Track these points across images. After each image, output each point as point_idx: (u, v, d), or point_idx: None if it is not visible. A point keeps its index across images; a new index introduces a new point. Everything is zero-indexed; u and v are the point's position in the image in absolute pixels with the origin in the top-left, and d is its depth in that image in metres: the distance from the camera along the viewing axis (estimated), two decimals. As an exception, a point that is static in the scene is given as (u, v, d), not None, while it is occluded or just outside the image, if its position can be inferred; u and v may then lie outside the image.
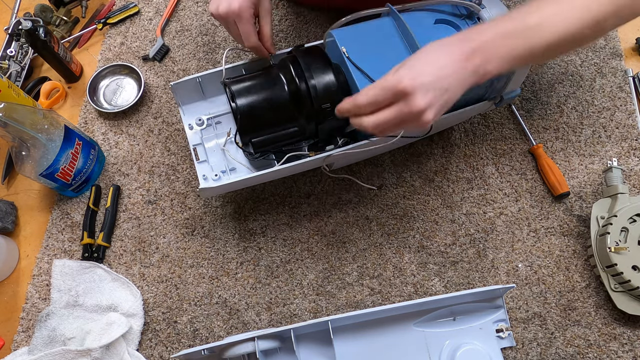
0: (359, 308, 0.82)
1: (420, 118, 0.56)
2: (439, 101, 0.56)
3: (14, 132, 0.78)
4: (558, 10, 0.59)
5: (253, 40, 0.74)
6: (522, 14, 0.60)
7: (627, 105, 0.92)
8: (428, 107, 0.55)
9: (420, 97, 0.55)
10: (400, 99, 0.56)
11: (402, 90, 0.55)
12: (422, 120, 0.56)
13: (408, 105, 0.55)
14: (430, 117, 0.56)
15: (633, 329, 0.78)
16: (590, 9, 0.59)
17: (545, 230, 0.85)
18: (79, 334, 0.81)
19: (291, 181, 0.90)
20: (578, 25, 0.59)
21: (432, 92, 0.55)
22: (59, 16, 1.08)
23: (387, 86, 0.56)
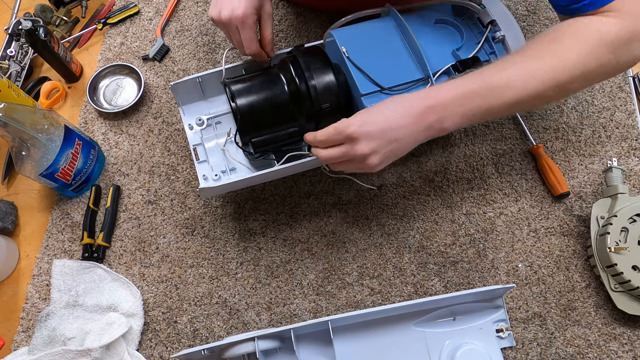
0: (359, 308, 0.82)
1: (364, 161, 0.63)
2: (385, 149, 0.62)
3: (14, 132, 0.78)
4: (521, 72, 0.61)
5: (255, 47, 0.74)
6: (485, 75, 0.62)
7: (627, 105, 0.92)
8: (371, 153, 0.62)
9: (364, 144, 0.61)
10: (347, 142, 0.62)
11: (349, 135, 0.61)
12: (366, 164, 0.63)
13: (353, 148, 0.62)
14: (374, 162, 0.63)
15: (633, 329, 0.78)
16: (555, 73, 0.60)
17: (545, 230, 0.85)
18: (79, 334, 0.81)
19: (291, 181, 0.90)
20: (540, 88, 0.61)
21: (378, 141, 0.61)
22: (59, 16, 1.08)
23: (338, 129, 0.62)
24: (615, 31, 0.60)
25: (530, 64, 0.61)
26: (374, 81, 0.72)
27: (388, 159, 0.64)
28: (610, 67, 0.62)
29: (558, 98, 0.65)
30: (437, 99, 0.62)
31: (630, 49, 0.61)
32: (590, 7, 0.61)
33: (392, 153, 0.63)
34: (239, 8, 0.70)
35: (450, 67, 0.74)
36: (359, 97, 0.72)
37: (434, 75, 0.73)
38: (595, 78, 0.63)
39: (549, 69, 0.60)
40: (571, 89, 0.63)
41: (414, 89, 0.73)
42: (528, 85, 0.61)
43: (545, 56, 0.61)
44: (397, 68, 0.74)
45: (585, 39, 0.60)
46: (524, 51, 0.63)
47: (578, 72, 0.60)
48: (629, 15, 0.60)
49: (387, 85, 0.72)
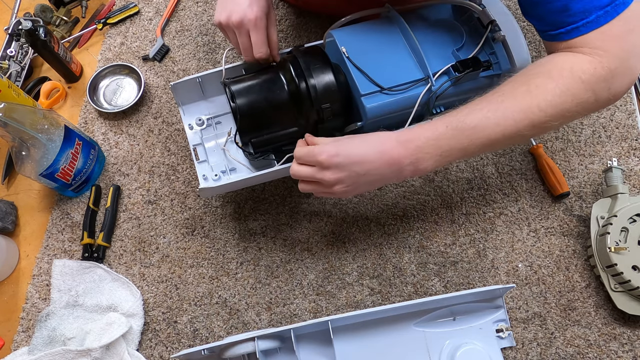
0: (359, 308, 0.82)
1: (329, 189, 0.65)
2: (350, 181, 0.64)
3: (14, 132, 0.78)
4: (494, 114, 0.61)
5: (265, 50, 0.73)
6: (459, 116, 0.62)
7: (627, 105, 0.92)
8: (337, 182, 0.64)
9: (331, 173, 0.63)
10: (317, 166, 0.64)
11: (319, 162, 0.64)
12: (331, 191, 0.65)
13: (321, 173, 0.64)
14: (338, 190, 0.64)
15: (633, 329, 0.78)
16: (529, 113, 0.60)
17: (545, 230, 0.85)
18: (79, 334, 0.81)
19: (291, 181, 0.90)
20: (514, 128, 0.61)
21: (345, 172, 0.63)
22: (59, 16, 1.08)
23: (311, 153, 0.65)
24: (591, 70, 0.60)
25: (503, 105, 0.61)
26: (373, 81, 0.72)
27: (354, 190, 0.65)
28: (590, 104, 0.62)
29: (538, 135, 0.66)
30: (412, 142, 0.62)
31: (609, 86, 0.61)
32: (565, 36, 0.62)
33: (359, 186, 0.65)
34: (251, 12, 0.70)
35: (450, 67, 0.74)
36: (359, 97, 0.72)
37: (433, 76, 0.73)
38: (574, 116, 0.63)
39: (523, 109, 0.60)
40: (549, 127, 0.63)
41: (414, 89, 0.73)
42: (501, 126, 0.61)
43: (519, 96, 0.61)
44: (397, 68, 0.74)
45: (559, 78, 0.60)
46: (499, 91, 0.63)
47: (553, 111, 0.60)
48: (605, 52, 0.60)
49: (387, 85, 0.72)
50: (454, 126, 0.62)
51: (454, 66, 0.74)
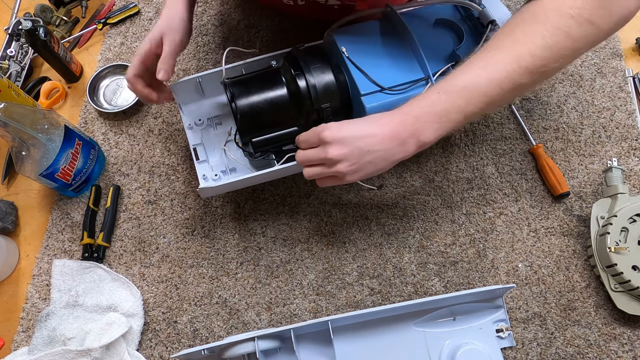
0: (359, 308, 0.82)
1: (334, 166, 0.63)
2: (356, 159, 0.63)
3: (14, 132, 0.78)
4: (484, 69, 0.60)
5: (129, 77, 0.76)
6: (449, 80, 0.62)
7: (627, 105, 0.92)
8: (342, 159, 0.62)
9: (335, 148, 0.62)
10: (321, 145, 0.64)
11: (323, 138, 0.63)
12: (337, 169, 0.63)
13: (325, 151, 0.63)
14: (344, 169, 0.63)
15: (633, 329, 0.78)
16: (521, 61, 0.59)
17: (545, 230, 0.85)
18: (79, 334, 0.81)
19: (291, 181, 0.90)
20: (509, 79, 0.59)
21: (349, 147, 0.62)
22: (59, 16, 1.08)
23: (315, 131, 0.64)
24: (579, 3, 0.57)
25: (493, 59, 0.60)
26: (374, 81, 0.72)
27: (360, 169, 0.64)
28: (592, 36, 0.59)
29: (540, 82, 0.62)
30: (408, 114, 0.62)
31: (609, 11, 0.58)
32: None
33: (364, 165, 0.63)
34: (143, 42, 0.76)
35: (450, 67, 0.74)
36: (359, 97, 0.72)
37: (434, 75, 0.73)
38: (576, 52, 0.60)
39: (513, 59, 0.59)
40: (549, 71, 0.60)
41: (414, 88, 0.73)
42: (495, 80, 0.59)
43: (507, 47, 0.59)
44: (397, 68, 0.74)
45: (546, 20, 0.58)
46: (486, 48, 0.61)
47: (547, 53, 0.58)
48: None
49: (387, 85, 0.72)
50: (447, 90, 0.61)
51: (454, 66, 0.74)
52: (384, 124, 0.62)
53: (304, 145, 0.67)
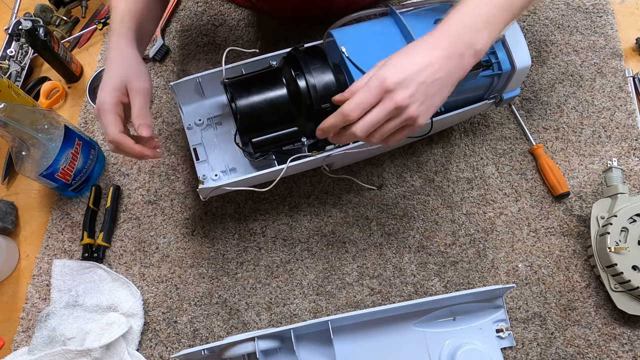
0: (359, 308, 0.82)
1: (405, 114, 0.57)
2: (423, 94, 0.57)
3: (14, 132, 0.78)
4: None
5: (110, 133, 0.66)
6: None
7: (627, 105, 0.92)
8: (410, 101, 0.57)
9: (401, 92, 0.56)
10: (384, 98, 0.57)
11: (385, 87, 0.56)
12: (408, 115, 0.57)
13: (390, 100, 0.56)
14: (415, 111, 0.57)
15: (633, 329, 0.78)
16: None
17: (545, 230, 0.85)
18: (79, 334, 0.81)
19: (291, 181, 0.90)
20: None
21: (413, 86, 0.56)
22: (59, 16, 1.08)
23: (371, 87, 0.57)
24: None
25: None
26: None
27: (430, 105, 0.59)
28: None
29: None
30: (458, 26, 0.59)
31: None
32: None
33: (431, 96, 0.58)
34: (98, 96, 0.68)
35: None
36: (359, 97, 0.72)
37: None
38: None
39: None
40: None
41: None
42: None
43: None
44: (397, 68, 0.74)
45: None
46: None
47: None
48: None
49: (387, 85, 0.72)
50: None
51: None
52: (436, 46, 0.59)
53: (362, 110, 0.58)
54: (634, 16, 1.00)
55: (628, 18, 1.00)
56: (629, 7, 1.01)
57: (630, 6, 1.01)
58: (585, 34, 0.98)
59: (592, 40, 0.97)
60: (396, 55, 0.60)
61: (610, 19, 0.98)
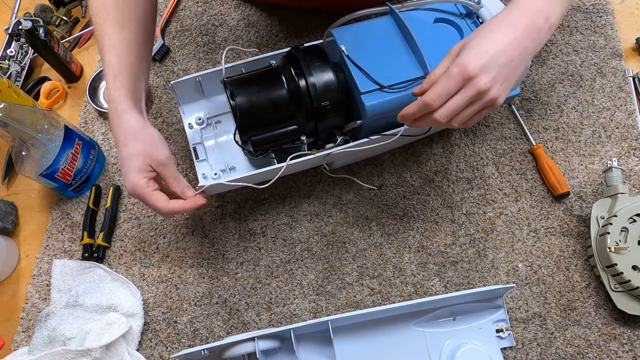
0: (359, 308, 0.82)
1: (487, 96, 0.58)
2: (504, 75, 0.58)
3: (14, 132, 0.78)
4: None
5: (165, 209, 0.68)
6: None
7: (627, 105, 0.92)
8: (492, 84, 0.57)
9: (484, 77, 0.57)
10: (466, 84, 0.57)
11: (468, 74, 0.57)
12: (489, 97, 0.58)
13: (473, 86, 0.57)
14: (496, 92, 0.58)
15: (633, 329, 0.78)
16: None
17: (545, 230, 0.85)
18: (79, 334, 0.80)
19: (291, 181, 0.90)
20: None
21: (494, 70, 0.57)
22: (59, 16, 1.08)
23: (453, 74, 0.57)
24: None
25: None
26: (373, 79, 0.72)
27: (509, 85, 0.60)
28: None
29: None
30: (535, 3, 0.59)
31: None
32: None
33: (510, 75, 0.59)
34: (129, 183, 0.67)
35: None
36: (359, 95, 0.72)
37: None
38: None
39: None
40: None
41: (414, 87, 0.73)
42: None
43: None
44: (396, 66, 0.74)
45: None
46: None
47: None
48: None
49: (386, 83, 0.72)
50: None
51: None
52: (515, 23, 0.59)
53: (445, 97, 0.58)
54: (634, 16, 1.00)
55: (628, 18, 1.00)
56: (629, 7, 1.01)
57: (630, 6, 1.01)
58: (585, 34, 0.98)
59: (592, 40, 0.97)
60: (475, 37, 0.60)
61: (610, 19, 0.99)
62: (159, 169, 0.69)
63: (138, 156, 0.67)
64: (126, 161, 0.67)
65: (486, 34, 0.59)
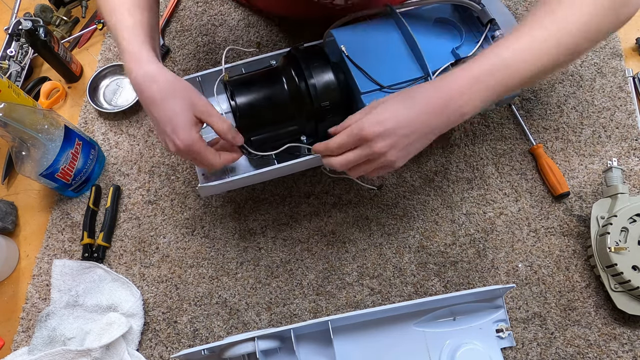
0: (359, 308, 0.82)
1: (383, 158, 0.61)
2: (403, 144, 0.61)
3: (14, 132, 0.78)
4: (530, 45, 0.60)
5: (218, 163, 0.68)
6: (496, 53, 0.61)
7: (627, 105, 0.92)
8: (389, 149, 0.60)
9: (380, 142, 0.60)
10: (363, 144, 0.61)
11: (364, 137, 0.60)
12: (386, 161, 0.62)
13: (369, 148, 0.61)
14: (392, 157, 0.61)
15: (633, 329, 0.78)
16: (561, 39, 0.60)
17: (545, 230, 0.85)
18: (79, 334, 0.81)
19: (291, 181, 0.90)
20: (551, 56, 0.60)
21: (394, 137, 0.60)
22: (59, 16, 1.08)
23: (352, 133, 0.61)
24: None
25: (536, 35, 0.60)
26: (373, 80, 0.72)
27: (408, 153, 0.62)
28: (612, 24, 0.62)
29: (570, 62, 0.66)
30: (453, 89, 0.60)
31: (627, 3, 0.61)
32: None
33: (411, 147, 0.62)
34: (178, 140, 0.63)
35: (449, 65, 0.74)
36: (359, 95, 0.72)
37: (433, 74, 0.73)
38: (600, 37, 0.63)
39: (555, 36, 0.60)
40: (579, 52, 0.62)
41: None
42: (540, 56, 0.60)
43: (548, 25, 0.60)
44: (396, 67, 0.74)
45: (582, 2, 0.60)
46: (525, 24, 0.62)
47: (582, 34, 0.60)
48: None
49: (386, 83, 0.72)
50: (493, 64, 0.60)
51: (453, 64, 0.74)
52: (425, 103, 0.60)
53: (341, 150, 0.63)
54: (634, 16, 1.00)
55: (628, 18, 1.00)
56: (629, 7, 1.00)
57: (630, 6, 1.01)
58: (585, 34, 0.98)
59: (592, 40, 0.97)
60: (389, 100, 0.62)
61: (610, 19, 0.98)
62: (205, 118, 0.66)
63: (185, 110, 0.63)
64: (172, 118, 0.63)
65: (399, 103, 0.61)
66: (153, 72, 0.63)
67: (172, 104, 0.63)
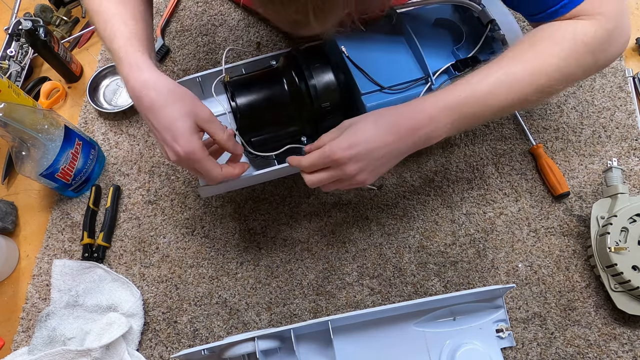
0: (359, 308, 0.82)
1: (353, 179, 0.64)
2: (372, 166, 0.63)
3: (14, 132, 0.78)
4: (504, 78, 0.62)
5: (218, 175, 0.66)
6: (470, 84, 0.62)
7: (627, 105, 0.92)
8: (359, 172, 0.63)
9: (351, 165, 0.62)
10: (334, 166, 0.63)
11: (335, 160, 0.62)
12: (355, 180, 0.64)
13: (341, 170, 0.63)
14: (362, 178, 0.64)
15: (633, 329, 0.78)
16: (536, 77, 0.61)
17: (545, 230, 0.85)
18: (79, 334, 0.81)
19: (291, 181, 0.90)
20: (523, 92, 0.62)
21: (364, 161, 0.62)
22: (59, 16, 1.08)
23: (323, 155, 0.63)
24: (592, 32, 0.61)
25: (512, 70, 0.62)
26: (373, 80, 0.72)
27: (378, 173, 0.65)
28: (589, 67, 0.64)
29: (541, 100, 0.67)
30: (423, 114, 0.62)
31: (607, 48, 0.62)
32: (556, 14, 0.63)
33: (380, 167, 0.65)
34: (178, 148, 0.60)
35: (450, 66, 0.74)
36: (359, 96, 0.72)
37: (433, 75, 0.73)
38: (577, 78, 0.65)
39: (530, 74, 0.61)
40: (553, 91, 0.64)
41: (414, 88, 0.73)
42: (512, 91, 0.61)
43: (526, 61, 0.62)
44: (397, 67, 0.74)
45: (562, 42, 0.61)
46: (505, 57, 0.63)
47: (558, 74, 0.62)
48: (601, 15, 0.61)
49: (386, 84, 0.72)
50: (466, 94, 0.62)
51: (453, 65, 0.74)
52: (400, 129, 0.62)
53: (312, 169, 0.65)
54: (634, 16, 1.00)
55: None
56: (629, 7, 1.01)
57: (630, 6, 1.01)
58: (585, 34, 0.98)
59: (592, 40, 0.97)
60: (361, 122, 0.63)
61: (610, 19, 0.98)
62: (206, 126, 0.64)
63: (185, 116, 0.61)
64: (172, 125, 0.60)
65: (366, 128, 0.63)
66: (152, 79, 0.62)
67: (171, 110, 0.61)
